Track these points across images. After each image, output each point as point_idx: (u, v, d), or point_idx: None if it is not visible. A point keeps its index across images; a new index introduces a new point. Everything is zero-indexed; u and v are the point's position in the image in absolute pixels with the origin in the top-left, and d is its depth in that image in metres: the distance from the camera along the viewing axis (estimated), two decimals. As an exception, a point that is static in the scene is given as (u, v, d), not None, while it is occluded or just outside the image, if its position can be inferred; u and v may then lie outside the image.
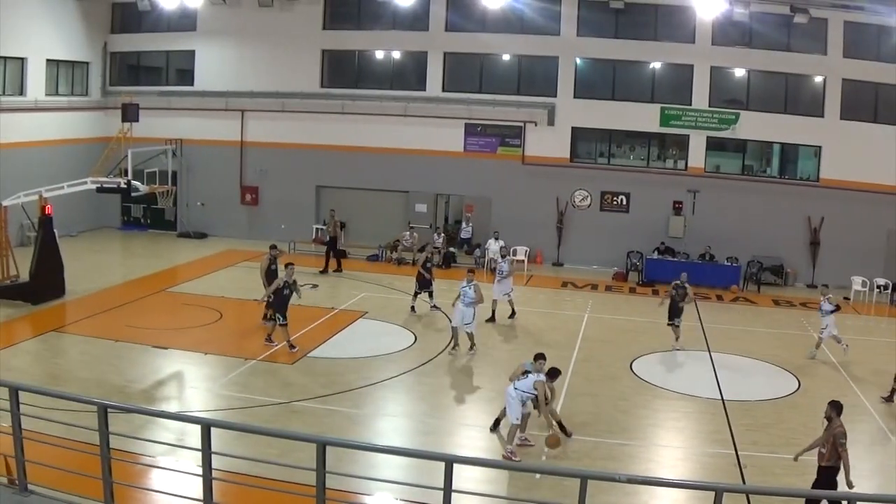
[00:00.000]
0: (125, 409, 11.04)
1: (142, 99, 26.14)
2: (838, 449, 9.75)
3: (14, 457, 7.49)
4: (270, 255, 18.21)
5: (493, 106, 26.71)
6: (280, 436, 10.11)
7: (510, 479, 11.00)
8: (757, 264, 24.86)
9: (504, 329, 19.00)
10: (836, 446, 9.76)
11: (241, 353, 15.88)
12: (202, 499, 7.11)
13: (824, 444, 9.95)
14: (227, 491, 8.77)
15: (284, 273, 16.38)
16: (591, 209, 26.89)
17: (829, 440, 9.87)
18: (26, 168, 23.95)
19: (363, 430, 12.90)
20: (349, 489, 9.92)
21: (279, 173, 28.65)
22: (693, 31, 25.45)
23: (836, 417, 9.99)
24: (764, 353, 17.77)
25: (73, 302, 19.37)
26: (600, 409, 13.94)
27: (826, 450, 9.89)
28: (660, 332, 19.40)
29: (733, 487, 10.11)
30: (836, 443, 9.77)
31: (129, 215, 30.43)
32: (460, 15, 26.95)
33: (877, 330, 21.16)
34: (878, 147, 24.39)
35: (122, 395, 13.44)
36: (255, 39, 28.16)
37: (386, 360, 16.15)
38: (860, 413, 14.32)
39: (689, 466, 12.00)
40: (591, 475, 6.84)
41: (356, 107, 27.70)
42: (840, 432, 9.82)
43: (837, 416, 9.99)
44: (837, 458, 9.78)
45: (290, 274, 16.21)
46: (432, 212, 28.25)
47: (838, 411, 10.05)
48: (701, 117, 25.81)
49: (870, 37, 24.44)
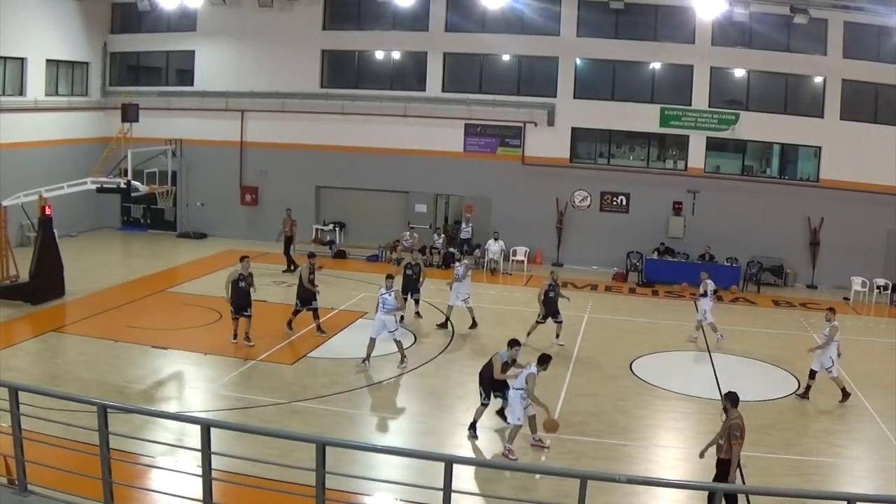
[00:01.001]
0: (125, 409, 11.06)
1: (142, 99, 26.15)
2: (731, 441, 9.49)
3: (14, 457, 7.49)
4: (310, 263, 17.73)
5: (493, 106, 26.71)
6: (280, 436, 10.12)
7: (510, 479, 10.99)
8: (757, 265, 24.86)
9: (504, 329, 18.97)
10: (731, 438, 9.52)
11: (241, 354, 15.87)
12: (202, 499, 7.11)
13: (722, 436, 9.71)
14: (227, 491, 8.77)
15: (240, 266, 16.37)
16: (590, 209, 26.90)
17: (725, 432, 9.63)
18: (26, 168, 23.96)
19: (363, 430, 12.90)
20: (349, 489, 9.91)
21: (279, 173, 28.66)
22: (693, 31, 25.46)
23: (732, 409, 9.74)
24: (764, 354, 17.77)
25: (72, 302, 19.37)
26: (600, 410, 13.94)
27: (724, 442, 9.65)
28: (660, 332, 19.43)
29: (733, 488, 10.09)
30: (731, 434, 9.52)
31: (129, 215, 30.44)
32: (460, 15, 26.95)
33: (876, 330, 21.16)
34: (877, 147, 24.39)
35: (122, 395, 13.44)
36: (255, 39, 28.17)
37: (386, 361, 16.13)
38: (860, 413, 14.33)
39: (689, 467, 11.97)
40: (590, 475, 6.84)
41: (356, 107, 27.70)
42: (735, 424, 9.58)
43: (733, 408, 9.74)
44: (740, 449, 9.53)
45: (245, 267, 16.29)
46: (432, 212, 28.25)
47: (733, 402, 9.80)
48: (701, 118, 25.82)
49: (870, 37, 24.44)
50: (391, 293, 15.56)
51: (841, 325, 21.01)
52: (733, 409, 9.76)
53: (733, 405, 9.80)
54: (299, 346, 16.74)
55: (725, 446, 9.61)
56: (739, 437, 9.51)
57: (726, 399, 9.90)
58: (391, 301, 15.48)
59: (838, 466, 12.25)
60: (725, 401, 9.89)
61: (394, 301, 15.53)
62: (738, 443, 9.51)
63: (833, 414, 14.30)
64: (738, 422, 9.61)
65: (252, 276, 16.44)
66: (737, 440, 9.49)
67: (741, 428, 9.58)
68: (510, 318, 19.95)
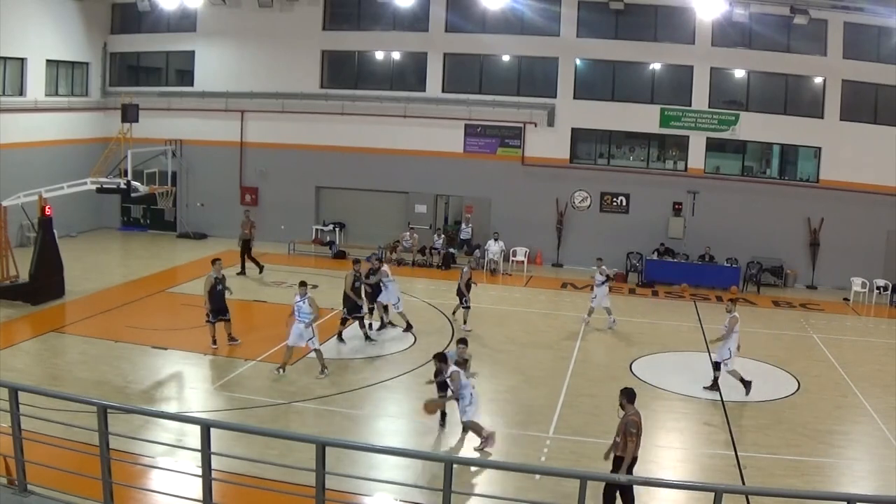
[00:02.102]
0: (125, 409, 11.06)
1: (142, 99, 26.12)
2: (627, 438, 9.38)
3: (14, 457, 7.48)
4: (354, 271, 17.26)
5: (493, 107, 26.72)
6: (280, 436, 10.12)
7: (510, 479, 10.98)
8: (756, 265, 24.87)
9: (504, 329, 18.98)
10: (627, 435, 9.40)
11: (241, 354, 15.87)
12: (202, 499, 7.10)
13: (618, 433, 9.60)
14: (227, 491, 8.77)
15: (213, 269, 16.23)
16: (590, 210, 26.90)
17: (621, 429, 9.52)
18: (26, 168, 23.96)
19: (363, 430, 12.90)
20: (349, 489, 9.91)
21: (279, 174, 28.66)
22: (693, 32, 25.47)
23: (629, 405, 9.62)
24: (763, 354, 17.77)
25: (72, 302, 19.37)
26: (600, 410, 13.92)
27: (619, 439, 9.54)
28: (660, 333, 19.43)
29: (733, 488, 10.11)
30: (626, 431, 9.41)
31: (129, 216, 30.44)
32: (460, 16, 26.96)
33: (877, 331, 21.15)
34: (877, 148, 24.41)
35: (122, 395, 13.44)
36: (255, 40, 28.17)
37: (386, 361, 16.15)
38: (860, 414, 14.34)
39: (689, 467, 12.01)
40: (590, 476, 6.85)
41: (356, 107, 27.71)
42: (632, 421, 9.45)
43: (629, 404, 9.63)
44: (635, 448, 9.45)
45: (218, 269, 16.20)
46: (432, 212, 28.25)
47: (629, 398, 9.68)
48: (701, 118, 25.82)
49: (870, 38, 24.46)
50: (305, 300, 14.94)
51: (841, 326, 21.17)
52: (630, 406, 9.62)
53: (629, 401, 9.66)
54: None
55: (621, 443, 9.46)
56: (635, 433, 9.36)
57: (622, 395, 9.73)
58: (306, 309, 14.86)
59: (838, 467, 12.26)
60: (622, 397, 9.72)
61: (309, 309, 14.88)
62: (632, 439, 9.35)
63: (833, 414, 14.30)
64: (634, 418, 9.46)
65: (225, 279, 16.35)
66: (632, 437, 9.34)
67: (637, 425, 9.43)
68: (511, 319, 19.97)
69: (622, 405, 9.65)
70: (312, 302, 14.97)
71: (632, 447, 9.34)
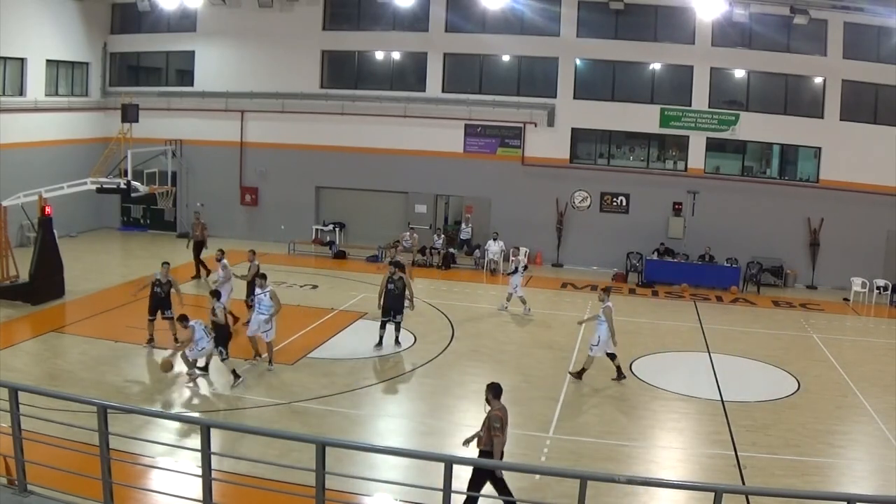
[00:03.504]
0: (125, 409, 11.06)
1: (142, 99, 26.14)
2: (492, 433, 9.33)
3: (14, 457, 7.48)
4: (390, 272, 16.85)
5: (493, 107, 26.72)
6: (279, 436, 10.11)
7: (510, 479, 10.98)
8: (756, 265, 24.86)
9: (504, 329, 18.99)
10: (491, 429, 9.35)
11: (241, 354, 15.85)
12: (202, 499, 7.10)
13: (483, 427, 9.54)
14: (227, 492, 8.77)
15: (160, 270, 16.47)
16: (590, 210, 26.90)
17: (485, 423, 9.48)
18: (26, 168, 23.96)
19: (363, 430, 12.89)
20: (349, 490, 9.91)
21: (279, 174, 28.66)
22: (693, 32, 25.47)
23: (495, 400, 9.57)
24: (763, 354, 17.77)
25: (72, 302, 19.37)
26: (600, 410, 13.95)
27: (483, 433, 9.48)
28: (660, 333, 19.43)
29: (733, 488, 10.10)
30: (490, 426, 9.36)
31: (129, 216, 30.45)
32: (460, 16, 26.96)
33: (877, 331, 21.15)
34: (877, 148, 24.42)
35: (122, 395, 13.44)
36: (255, 40, 28.17)
37: (385, 361, 16.15)
38: (860, 414, 14.34)
39: (689, 467, 12.01)
40: (590, 476, 6.84)
41: (356, 107, 27.72)
42: (495, 416, 9.34)
43: (495, 399, 9.57)
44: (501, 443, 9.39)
45: (164, 273, 16.43)
46: (432, 212, 28.25)
47: (495, 393, 9.62)
48: (701, 118, 25.82)
49: (870, 38, 24.46)
50: (266, 293, 15.02)
51: (841, 326, 21.19)
52: (495, 401, 9.58)
53: (495, 396, 9.61)
54: (299, 346, 16.73)
55: (485, 437, 9.43)
56: (500, 428, 9.32)
57: (488, 390, 9.68)
58: (267, 302, 14.94)
59: (838, 467, 12.26)
60: (488, 392, 9.68)
61: (269, 302, 14.93)
62: (497, 434, 9.30)
63: (833, 414, 14.30)
64: (498, 413, 9.41)
65: (170, 284, 16.37)
66: (496, 431, 9.30)
67: (501, 420, 9.38)
68: (511, 319, 19.96)
69: (488, 400, 9.63)
70: (274, 296, 15.12)
71: (497, 441, 9.32)
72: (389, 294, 16.78)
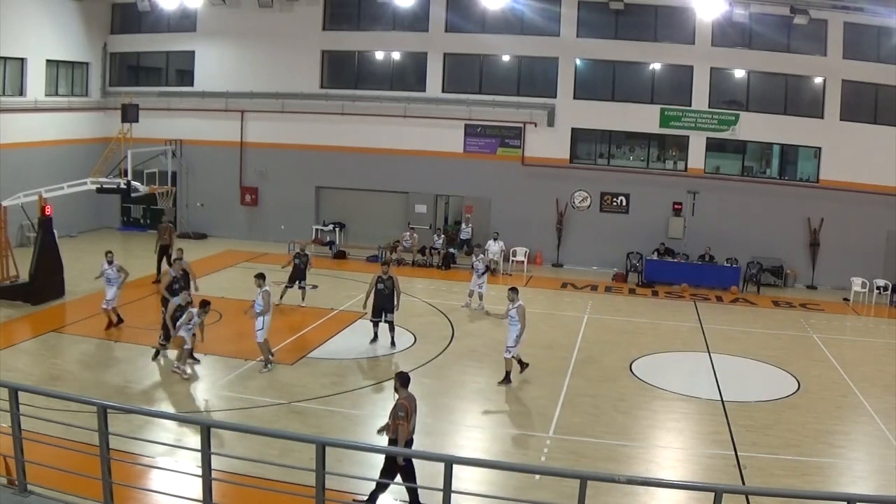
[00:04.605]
0: (125, 409, 11.05)
1: (142, 99, 26.15)
2: (396, 421, 9.39)
3: (14, 457, 7.48)
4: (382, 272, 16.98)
5: (493, 107, 26.72)
6: (279, 436, 10.11)
7: (510, 479, 10.98)
8: (756, 265, 24.86)
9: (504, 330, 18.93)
10: (395, 418, 9.42)
11: (241, 354, 15.85)
12: (202, 499, 7.10)
13: (390, 416, 9.61)
14: (227, 491, 8.77)
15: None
16: (590, 210, 26.90)
17: (391, 412, 9.55)
18: (26, 168, 23.96)
19: (363, 430, 12.87)
20: (349, 489, 9.91)
21: (279, 174, 28.66)
22: (693, 32, 25.47)
23: (402, 388, 9.63)
24: (763, 354, 17.77)
25: (72, 302, 19.36)
26: (600, 410, 13.94)
27: (390, 421, 9.56)
28: (660, 333, 19.43)
29: (733, 488, 10.10)
30: (395, 415, 9.43)
31: (129, 216, 30.45)
32: (460, 16, 26.97)
33: (877, 331, 21.14)
34: (877, 148, 24.41)
35: (122, 395, 13.43)
36: (255, 40, 28.17)
37: (385, 361, 16.15)
38: (860, 414, 14.34)
39: (689, 467, 12.00)
40: (590, 476, 6.83)
41: (356, 107, 27.72)
42: (401, 405, 9.40)
43: (403, 388, 9.63)
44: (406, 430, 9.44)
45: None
46: (432, 212, 28.25)
47: (402, 382, 9.68)
48: (701, 118, 25.82)
49: (870, 38, 24.46)
50: (261, 294, 14.92)
51: (841, 326, 21.19)
52: (403, 390, 9.66)
53: (402, 385, 9.69)
54: (299, 346, 16.73)
55: (392, 426, 9.51)
56: (404, 417, 9.38)
57: (396, 379, 9.79)
58: (259, 302, 14.87)
59: (838, 467, 12.26)
60: (396, 381, 9.79)
61: (261, 302, 14.84)
62: (401, 423, 9.36)
63: (833, 414, 14.30)
64: (404, 402, 9.47)
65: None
66: (400, 420, 9.36)
67: (406, 409, 9.43)
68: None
69: (396, 389, 9.73)
70: (266, 296, 15.01)
71: (402, 429, 9.39)
72: (379, 294, 16.85)
